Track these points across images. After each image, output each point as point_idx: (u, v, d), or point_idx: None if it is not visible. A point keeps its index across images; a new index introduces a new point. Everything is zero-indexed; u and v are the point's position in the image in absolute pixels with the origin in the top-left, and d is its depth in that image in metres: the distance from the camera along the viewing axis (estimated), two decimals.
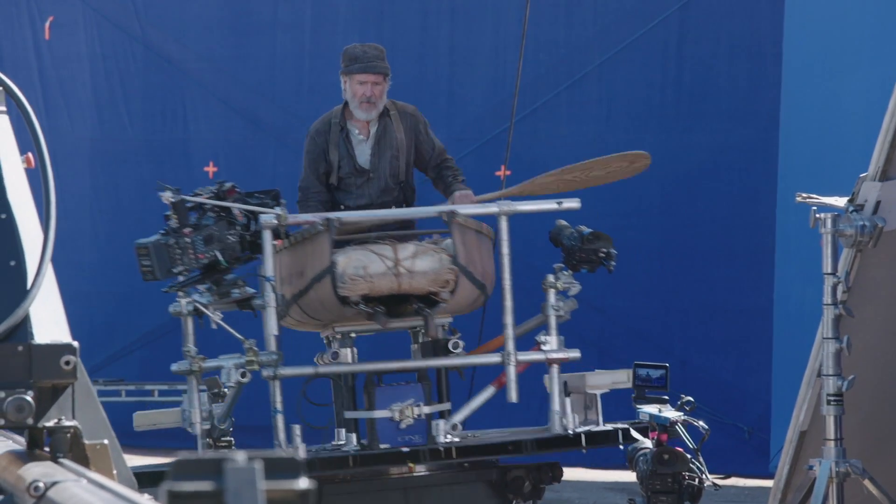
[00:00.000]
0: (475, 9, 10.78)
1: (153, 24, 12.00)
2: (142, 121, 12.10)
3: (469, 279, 6.41)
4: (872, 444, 5.54)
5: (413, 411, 6.36)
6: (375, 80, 7.15)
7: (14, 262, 3.13)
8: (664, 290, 10.84)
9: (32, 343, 3.05)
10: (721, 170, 10.96)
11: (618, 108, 11.25)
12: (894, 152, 5.37)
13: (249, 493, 1.64)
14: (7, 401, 3.00)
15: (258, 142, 11.58)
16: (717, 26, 11.08)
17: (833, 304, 5.41)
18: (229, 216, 6.41)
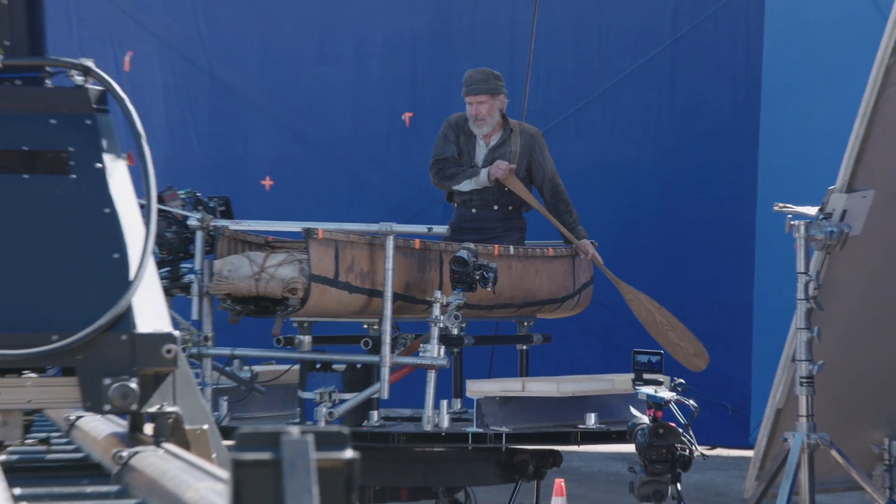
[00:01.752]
0: (494, 41, 10.77)
1: (217, 57, 12.02)
2: (207, 141, 12.10)
3: (343, 289, 6.21)
4: (839, 420, 5.53)
5: (326, 395, 6.20)
6: (480, 101, 7.14)
7: (118, 254, 2.96)
8: (660, 287, 10.78)
9: (135, 332, 2.89)
10: (709, 182, 10.93)
11: (619, 130, 11.23)
12: (859, 168, 5.36)
13: (303, 462, 1.64)
14: (112, 387, 2.85)
15: (307, 158, 11.58)
16: (704, 58, 11.06)
17: (805, 299, 5.41)
18: (170, 215, 6.36)
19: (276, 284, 6.15)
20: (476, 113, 7.14)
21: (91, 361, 2.87)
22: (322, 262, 6.10)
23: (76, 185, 2.99)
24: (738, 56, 10.94)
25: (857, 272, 5.50)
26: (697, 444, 5.29)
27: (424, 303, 6.30)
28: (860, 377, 5.75)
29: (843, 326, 5.53)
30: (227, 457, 3.12)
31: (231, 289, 6.23)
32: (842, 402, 5.60)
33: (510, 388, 6.52)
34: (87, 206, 2.99)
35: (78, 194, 2.99)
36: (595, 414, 6.46)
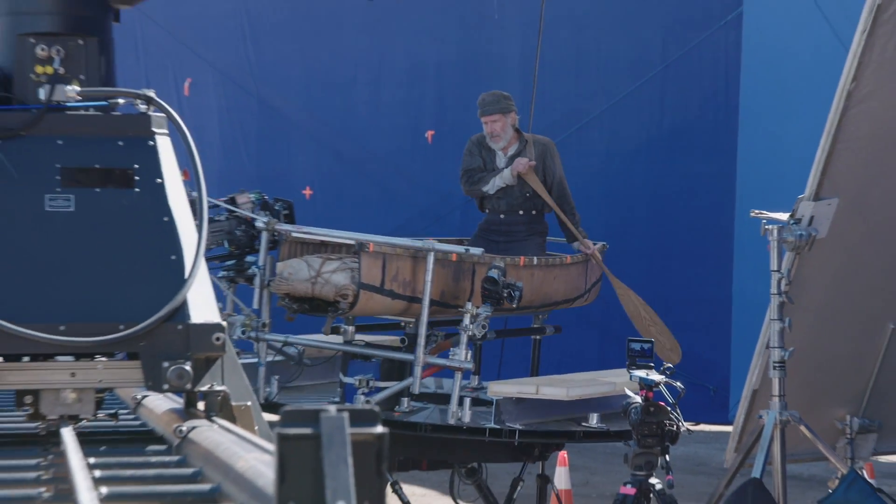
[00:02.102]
0: (507, 68, 10.75)
1: (264, 83, 12.05)
2: (255, 156, 12.14)
3: (381, 294, 6.15)
4: (807, 399, 5.52)
5: (364, 382, 6.18)
6: (494, 119, 7.15)
7: (174, 256, 2.97)
8: (651, 283, 10.77)
9: (189, 323, 2.91)
10: (693, 192, 10.91)
11: (616, 146, 11.22)
12: (824, 179, 5.34)
13: (339, 437, 1.64)
14: (170, 369, 2.87)
15: (342, 170, 11.60)
16: (690, 83, 11.04)
17: (778, 293, 5.40)
18: (238, 217, 6.34)
19: (329, 289, 6.11)
20: (491, 130, 7.14)
21: (152, 347, 2.89)
22: (371, 271, 6.08)
23: (140, 197, 3.02)
24: (718, 82, 10.92)
25: (823, 271, 5.48)
26: (683, 421, 5.28)
27: (456, 308, 6.26)
28: (826, 362, 5.73)
29: (811, 318, 5.51)
30: (267, 429, 3.17)
31: (290, 289, 6.20)
32: (810, 383, 5.59)
33: (525, 390, 6.47)
34: (148, 215, 3.01)
35: (141, 205, 3.01)
36: (597, 414, 6.42)
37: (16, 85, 3.08)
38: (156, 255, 2.97)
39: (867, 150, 5.34)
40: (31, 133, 3.01)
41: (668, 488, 5.28)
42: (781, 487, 5.36)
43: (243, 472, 1.99)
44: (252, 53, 12.11)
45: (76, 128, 3.05)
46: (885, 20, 5.05)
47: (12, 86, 3.08)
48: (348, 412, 1.66)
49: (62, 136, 3.03)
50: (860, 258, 5.58)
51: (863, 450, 5.96)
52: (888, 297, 5.70)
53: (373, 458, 1.67)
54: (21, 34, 3.09)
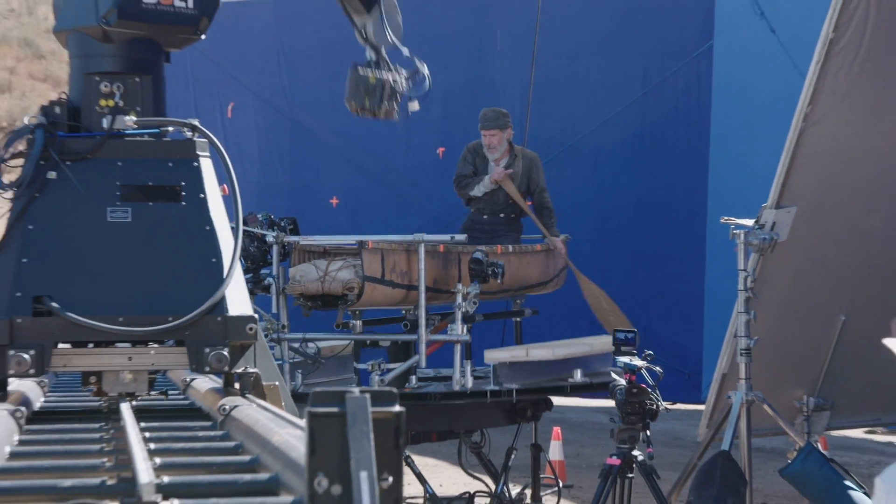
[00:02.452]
0: (508, 93, 10.76)
1: (297, 106, 12.07)
2: (289, 170, 12.16)
3: (382, 284, 6.17)
4: (769, 382, 5.51)
5: (376, 366, 6.18)
6: (492, 134, 7.25)
7: (214, 259, 3.01)
8: (633, 280, 10.77)
9: (227, 315, 2.96)
10: (670, 200, 10.90)
11: (603, 160, 11.21)
12: (785, 189, 5.34)
13: (362, 415, 1.63)
14: (211, 354, 2.92)
15: (365, 182, 11.61)
16: (666, 106, 11.04)
17: (744, 290, 5.39)
18: (251, 234, 6.28)
19: (336, 285, 6.14)
20: (489, 143, 7.23)
21: (196, 336, 2.94)
22: (372, 265, 6.11)
23: (185, 210, 3.07)
24: (691, 105, 10.92)
25: (784, 270, 5.47)
26: (662, 400, 5.28)
27: (448, 293, 6.29)
28: (786, 349, 5.72)
29: (773, 311, 5.50)
30: (292, 405, 3.26)
31: (303, 289, 6.23)
32: (772, 368, 5.58)
33: (517, 354, 6.56)
34: (193, 225, 3.05)
35: (187, 216, 3.06)
36: (580, 370, 6.55)
37: (83, 115, 3.14)
38: (199, 258, 3.02)
39: (821, 165, 5.33)
40: (95, 156, 3.06)
41: (648, 459, 5.28)
42: (747, 458, 5.36)
43: (279, 446, 2.00)
44: (286, 81, 12.14)
45: (133, 151, 3.10)
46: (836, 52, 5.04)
47: (80, 116, 3.13)
48: (370, 393, 1.66)
49: (121, 159, 3.08)
50: (815, 259, 5.57)
51: (818, 425, 5.95)
52: (839, 293, 5.69)
53: (392, 434, 1.67)
54: (88, 73, 3.15)
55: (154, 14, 3.13)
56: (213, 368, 2.93)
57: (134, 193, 3.04)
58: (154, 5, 3.12)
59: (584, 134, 11.20)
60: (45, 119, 3.05)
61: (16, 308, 2.87)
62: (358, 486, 1.57)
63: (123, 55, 3.17)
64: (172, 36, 3.23)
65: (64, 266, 2.96)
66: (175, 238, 3.03)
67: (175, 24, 3.17)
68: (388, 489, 1.64)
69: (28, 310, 2.89)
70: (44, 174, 2.99)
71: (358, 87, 4.21)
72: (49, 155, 3.00)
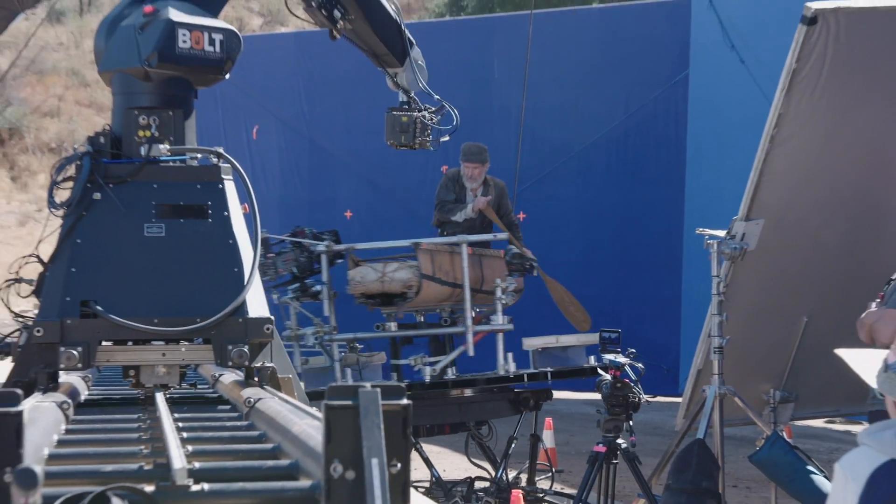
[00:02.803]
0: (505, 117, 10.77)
1: (315, 129, 12.09)
2: (308, 186, 12.16)
3: (436, 283, 6.17)
4: (739, 377, 5.50)
5: (419, 361, 6.17)
6: (475, 167, 7.38)
7: (236, 268, 3.11)
8: (617, 285, 10.79)
9: (247, 317, 3.06)
10: (650, 213, 10.91)
11: (589, 177, 11.23)
12: (753, 204, 5.33)
13: (373, 407, 1.63)
14: (233, 351, 3.02)
15: (376, 197, 11.62)
16: (646, 130, 11.07)
17: (717, 294, 5.39)
18: (301, 246, 6.29)
19: (396, 284, 6.18)
20: (471, 174, 7.38)
21: (220, 334, 3.05)
22: (425, 265, 6.15)
23: (211, 226, 3.15)
24: (669, 129, 10.95)
25: (753, 276, 5.47)
26: (643, 394, 5.28)
27: (481, 291, 6.31)
28: (754, 348, 5.72)
29: (743, 313, 5.50)
30: (304, 395, 3.34)
31: (364, 289, 6.25)
32: (742, 364, 5.57)
33: (549, 341, 6.56)
34: (217, 239, 3.14)
35: (212, 232, 3.15)
36: (594, 356, 6.46)
37: (124, 144, 3.23)
38: (223, 268, 3.11)
39: (786, 182, 5.33)
40: (134, 179, 3.15)
41: (631, 447, 5.27)
42: (720, 446, 5.35)
43: (298, 435, 1.99)
44: (306, 106, 12.15)
45: (166, 175, 3.19)
46: (798, 81, 5.04)
47: (122, 145, 3.23)
48: (380, 388, 1.66)
49: (156, 181, 3.17)
50: (781, 266, 5.56)
51: (783, 416, 5.94)
52: (802, 297, 5.68)
53: (400, 424, 1.67)
54: (129, 107, 3.25)
55: (187, 57, 3.23)
56: (235, 363, 3.03)
57: (167, 212, 3.13)
58: (187, 50, 3.22)
59: (573, 154, 11.22)
60: (91, 147, 3.17)
61: (66, 311, 2.99)
62: (370, 472, 1.57)
63: (159, 92, 3.26)
64: (202, 76, 3.33)
65: (107, 274, 3.06)
66: (202, 250, 3.12)
67: (204, 65, 3.27)
68: (396, 474, 1.64)
69: (76, 312, 3.00)
70: (90, 195, 3.10)
71: (394, 128, 4.41)
72: (94, 179, 3.10)
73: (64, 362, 2.94)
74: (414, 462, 6.29)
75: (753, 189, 5.27)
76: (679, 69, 10.93)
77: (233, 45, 3.31)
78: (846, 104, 5.22)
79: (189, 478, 1.74)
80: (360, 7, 3.92)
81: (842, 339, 2.77)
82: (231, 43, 3.30)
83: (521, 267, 6.31)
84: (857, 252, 5.54)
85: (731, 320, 5.38)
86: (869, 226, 5.45)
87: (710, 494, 5.09)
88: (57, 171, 3.17)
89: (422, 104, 4.39)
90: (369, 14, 3.96)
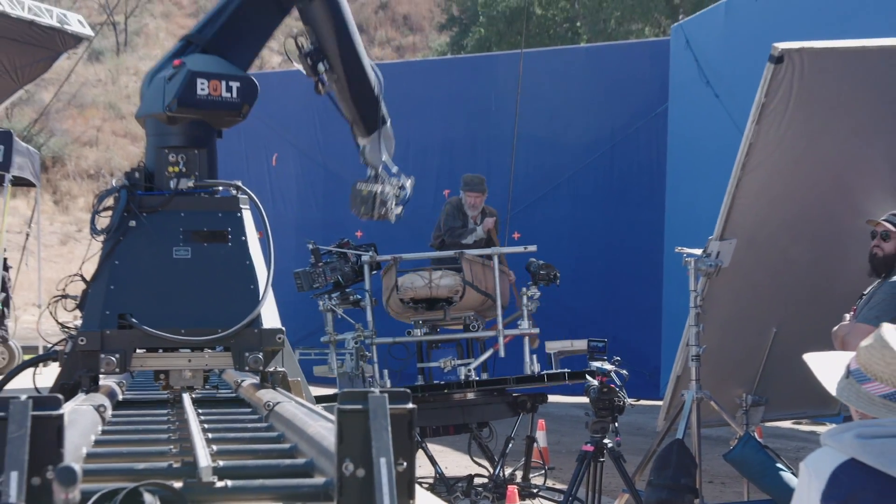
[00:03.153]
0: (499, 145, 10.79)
1: (329, 156, 12.13)
2: (322, 208, 12.19)
3: (475, 290, 6.25)
4: (715, 383, 5.49)
5: (449, 363, 6.21)
6: (476, 196, 7.39)
7: (252, 286, 3.21)
8: (604, 298, 10.81)
9: (262, 328, 3.16)
10: (634, 233, 10.94)
11: (579, 201, 11.26)
12: (727, 224, 5.33)
13: (381, 411, 1.63)
14: (250, 357, 3.12)
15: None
16: (630, 157, 11.11)
17: (695, 307, 5.38)
18: (345, 257, 6.30)
19: (443, 290, 6.27)
20: (473, 203, 7.40)
21: (239, 343, 3.15)
22: (468, 272, 6.25)
23: (231, 249, 3.25)
24: (650, 156, 10.99)
25: (727, 290, 5.46)
26: (627, 397, 5.27)
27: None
28: (728, 356, 5.71)
29: (718, 324, 5.49)
30: (310, 395, 3.48)
31: (413, 294, 6.32)
32: (717, 371, 5.56)
33: (565, 346, 6.54)
34: (236, 260, 3.24)
35: (232, 254, 3.24)
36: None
37: (156, 179, 3.35)
38: (241, 286, 3.21)
39: (756, 204, 5.33)
40: (164, 209, 3.27)
41: (616, 446, 5.25)
42: (697, 445, 5.33)
43: (313, 436, 1.99)
44: (321, 136, 12.19)
45: (192, 205, 3.30)
46: (767, 113, 5.05)
47: (154, 179, 3.35)
48: (388, 393, 1.66)
49: (184, 211, 3.28)
50: (752, 281, 5.56)
51: (754, 418, 5.92)
52: (772, 309, 5.67)
53: (406, 426, 1.67)
54: (159, 147, 3.37)
55: (206, 103, 3.33)
56: (251, 368, 3.13)
57: (193, 237, 3.24)
58: (206, 96, 3.34)
59: (563, 179, 11.25)
60: (127, 181, 3.28)
61: (105, 323, 3.11)
62: (378, 470, 1.57)
63: (185, 133, 3.38)
64: (220, 118, 3.43)
65: (141, 291, 3.17)
66: (223, 270, 3.22)
67: (222, 110, 3.38)
68: (402, 472, 1.64)
69: (114, 324, 3.12)
70: (126, 223, 3.21)
71: (356, 199, 4.50)
72: (130, 209, 3.23)
73: (104, 367, 3.07)
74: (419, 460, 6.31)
75: (727, 211, 5.26)
76: (659, 102, 10.97)
77: (249, 91, 3.40)
78: (810, 134, 5.23)
79: (214, 475, 1.74)
80: (343, 67, 3.88)
81: (808, 347, 2.77)
82: (247, 89, 3.40)
83: (547, 277, 6.34)
84: (822, 268, 5.53)
85: (707, 331, 5.37)
86: (832, 245, 5.45)
87: (688, 490, 5.07)
88: (98, 202, 3.30)
89: (386, 177, 4.42)
90: (350, 77, 3.92)
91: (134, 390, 3.54)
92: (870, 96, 5.27)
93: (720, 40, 10.14)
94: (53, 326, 3.47)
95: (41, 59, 13.12)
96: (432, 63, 17.11)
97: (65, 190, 27.34)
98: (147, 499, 1.54)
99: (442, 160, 11.47)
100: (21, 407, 1.50)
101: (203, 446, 1.99)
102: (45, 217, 24.25)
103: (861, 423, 2.27)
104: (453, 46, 27.05)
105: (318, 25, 3.80)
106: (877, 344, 2.30)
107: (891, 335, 2.30)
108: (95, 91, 31.62)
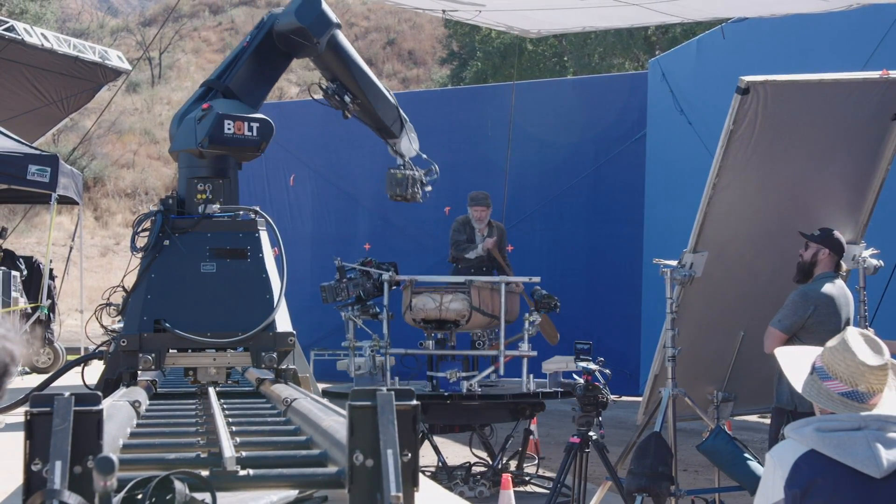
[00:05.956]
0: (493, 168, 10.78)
1: (342, 177, 12.14)
2: (335, 223, 12.19)
3: (480, 313, 6.21)
4: (689, 381, 5.48)
5: (455, 375, 6.20)
6: (482, 210, 7.32)
7: (268, 296, 3.34)
8: (588, 305, 10.79)
9: (276, 331, 3.29)
10: (615, 247, 10.94)
11: (564, 219, 11.26)
12: (700, 238, 5.33)
13: (388, 407, 1.63)
14: (265, 356, 3.26)
15: (390, 232, 11.64)
16: (613, 177, 11.11)
17: (670, 312, 5.37)
18: (367, 274, 6.31)
19: (451, 313, 6.21)
20: (479, 216, 7.32)
21: (256, 344, 3.29)
22: (475, 298, 6.17)
23: (250, 265, 3.40)
24: (630, 177, 10.99)
25: (699, 298, 5.45)
26: (610, 394, 5.26)
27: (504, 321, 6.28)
28: (701, 357, 5.70)
29: (692, 329, 5.48)
30: (318, 389, 3.50)
31: (424, 315, 6.27)
32: (690, 370, 5.55)
33: (560, 366, 6.46)
34: (254, 274, 3.39)
35: (251, 269, 3.40)
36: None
37: (186, 204, 3.51)
38: (258, 296, 3.35)
39: (725, 221, 5.34)
40: (193, 230, 3.43)
41: (600, 439, 5.24)
42: (673, 437, 5.32)
43: (327, 429, 1.99)
44: (334, 158, 12.20)
45: (217, 227, 3.46)
46: (735, 139, 5.06)
47: (185, 205, 3.52)
48: (394, 391, 1.66)
49: (210, 232, 3.44)
50: (721, 290, 5.55)
51: (724, 412, 5.90)
52: (739, 315, 5.66)
53: (410, 421, 1.67)
54: (190, 178, 3.54)
55: (231, 140, 3.49)
56: (266, 366, 3.26)
57: (218, 254, 3.40)
58: (231, 135, 3.50)
59: (551, 198, 11.25)
60: (162, 207, 3.45)
61: (143, 326, 3.27)
62: (385, 460, 1.57)
63: (212, 166, 3.55)
64: (243, 154, 3.59)
65: (173, 300, 3.33)
66: (243, 282, 3.37)
67: (244, 146, 3.54)
68: (407, 462, 1.64)
69: (150, 328, 3.28)
70: (162, 242, 3.37)
71: (392, 183, 4.77)
72: (165, 230, 3.40)
73: (142, 365, 3.23)
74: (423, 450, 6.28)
75: (699, 227, 5.27)
76: (638, 129, 10.99)
77: (266, 130, 3.56)
78: (774, 159, 5.25)
79: (237, 464, 1.74)
80: (364, 93, 4.19)
81: None
82: (265, 129, 3.56)
83: (547, 305, 6.34)
84: (783, 278, 5.52)
85: (682, 334, 5.36)
86: (793, 258, 5.45)
87: (665, 477, 5.05)
88: (137, 224, 3.46)
89: (413, 166, 4.70)
90: (371, 99, 4.24)
91: (167, 387, 3.59)
92: (825, 124, 5.29)
93: (693, 74, 10.18)
94: (94, 330, 3.61)
95: (84, 90, 13.29)
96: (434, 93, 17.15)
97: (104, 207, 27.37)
98: (177, 486, 1.53)
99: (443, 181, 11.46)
100: (64, 403, 1.50)
101: (227, 438, 1.99)
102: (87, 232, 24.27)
103: (821, 417, 2.27)
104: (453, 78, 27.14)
105: (332, 68, 4.09)
106: (840, 346, 2.31)
107: (854, 339, 2.30)
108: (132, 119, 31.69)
